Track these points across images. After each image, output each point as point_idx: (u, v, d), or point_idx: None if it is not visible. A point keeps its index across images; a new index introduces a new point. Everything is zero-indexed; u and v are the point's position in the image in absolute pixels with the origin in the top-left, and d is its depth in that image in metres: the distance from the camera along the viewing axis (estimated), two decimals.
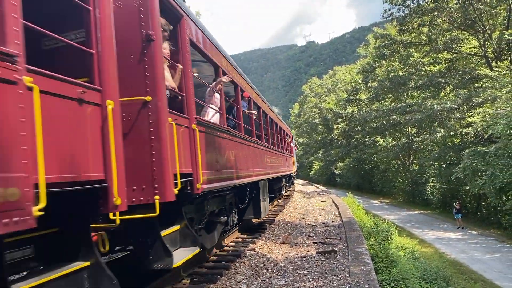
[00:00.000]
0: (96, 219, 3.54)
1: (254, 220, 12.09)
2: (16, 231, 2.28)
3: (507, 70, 21.96)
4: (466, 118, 25.34)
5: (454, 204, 25.98)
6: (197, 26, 5.53)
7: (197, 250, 4.89)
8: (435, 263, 14.23)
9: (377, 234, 12.34)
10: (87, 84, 3.04)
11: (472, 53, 30.41)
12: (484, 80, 24.99)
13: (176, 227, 4.85)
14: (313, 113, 79.00)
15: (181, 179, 4.43)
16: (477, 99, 24.40)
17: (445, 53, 31.08)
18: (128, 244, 4.37)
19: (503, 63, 24.62)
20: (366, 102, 47.48)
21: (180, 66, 4.87)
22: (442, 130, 30.93)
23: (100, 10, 3.23)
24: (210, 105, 6.32)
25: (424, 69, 33.80)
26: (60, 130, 2.74)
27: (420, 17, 29.97)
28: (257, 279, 6.76)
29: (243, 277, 6.68)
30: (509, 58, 26.78)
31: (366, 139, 48.30)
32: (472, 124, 23.09)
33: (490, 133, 19.90)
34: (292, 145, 27.18)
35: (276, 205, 19.02)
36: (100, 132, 3.14)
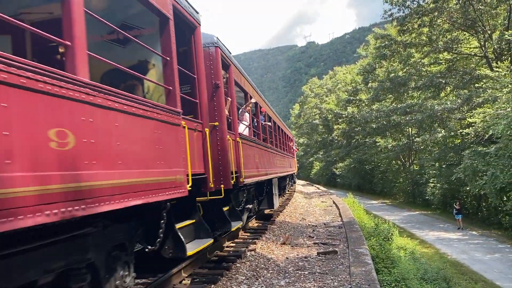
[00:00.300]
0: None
1: (265, 211, 15.03)
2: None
3: (507, 71, 23.67)
4: (467, 119, 26.83)
5: (454, 204, 27.69)
6: (236, 68, 8.63)
7: (240, 223, 8.00)
8: (435, 264, 15.17)
9: (378, 235, 12.87)
10: (197, 120, 6.07)
11: (473, 54, 32.35)
12: (484, 80, 26.75)
13: (227, 207, 7.92)
14: (313, 114, 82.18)
15: (233, 175, 7.49)
16: (477, 99, 26.13)
17: (445, 53, 32.97)
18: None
19: (503, 63, 26.24)
20: (366, 103, 49.78)
21: (230, 99, 7.92)
22: (443, 131, 32.43)
23: (199, 76, 6.25)
24: (243, 122, 9.41)
25: (424, 69, 35.85)
26: (190, 146, 5.75)
27: (420, 18, 31.85)
28: (257, 279, 7.26)
29: (243, 278, 7.22)
30: (509, 58, 28.67)
31: (367, 140, 50.42)
32: (473, 124, 24.71)
33: (490, 133, 21.41)
34: (293, 147, 30.33)
35: None
36: (202, 146, 6.18)
